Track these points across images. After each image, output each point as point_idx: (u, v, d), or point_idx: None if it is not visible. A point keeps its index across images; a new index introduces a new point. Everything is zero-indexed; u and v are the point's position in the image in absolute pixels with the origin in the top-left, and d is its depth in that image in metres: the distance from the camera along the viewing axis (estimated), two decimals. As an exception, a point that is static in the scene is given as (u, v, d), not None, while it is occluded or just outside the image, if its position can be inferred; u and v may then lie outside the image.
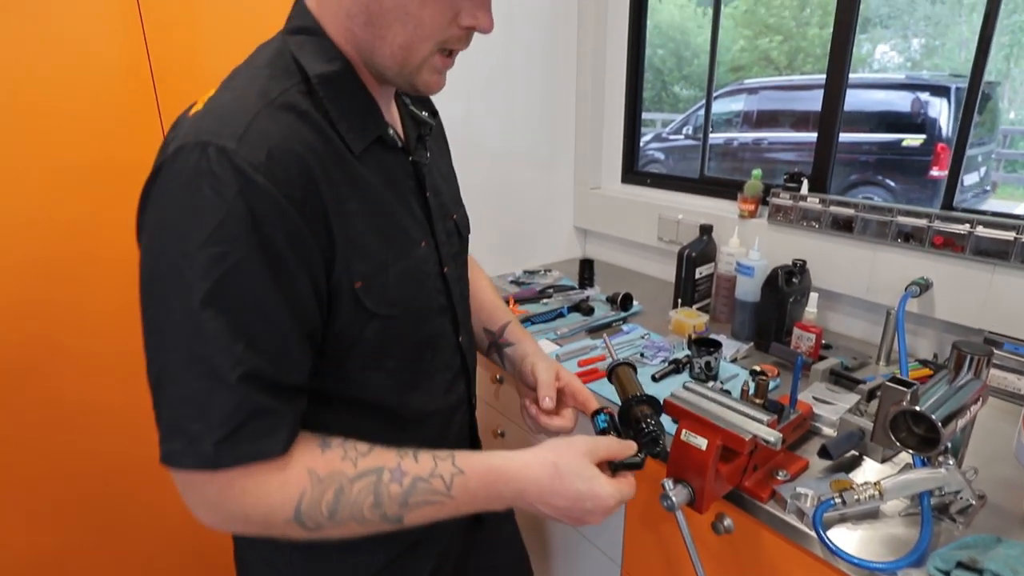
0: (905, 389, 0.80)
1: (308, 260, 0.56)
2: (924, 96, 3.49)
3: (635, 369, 0.93)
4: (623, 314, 1.63)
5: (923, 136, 3.41)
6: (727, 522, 1.00)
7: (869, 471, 0.98)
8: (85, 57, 1.17)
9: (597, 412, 0.83)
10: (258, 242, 0.52)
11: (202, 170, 0.51)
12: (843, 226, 1.42)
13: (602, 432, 0.78)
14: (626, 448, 0.72)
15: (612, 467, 0.71)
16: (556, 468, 0.64)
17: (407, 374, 0.72)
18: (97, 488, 1.38)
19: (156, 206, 0.53)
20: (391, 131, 0.67)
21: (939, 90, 3.45)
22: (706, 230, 1.62)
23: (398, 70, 0.62)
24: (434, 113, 0.82)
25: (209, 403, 0.52)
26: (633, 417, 0.80)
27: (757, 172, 1.62)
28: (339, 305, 0.61)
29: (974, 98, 1.25)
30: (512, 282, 1.90)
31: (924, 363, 1.27)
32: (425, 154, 0.74)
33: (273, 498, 0.56)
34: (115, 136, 1.23)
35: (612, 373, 0.93)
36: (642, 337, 1.49)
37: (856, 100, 3.26)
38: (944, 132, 3.32)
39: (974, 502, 0.87)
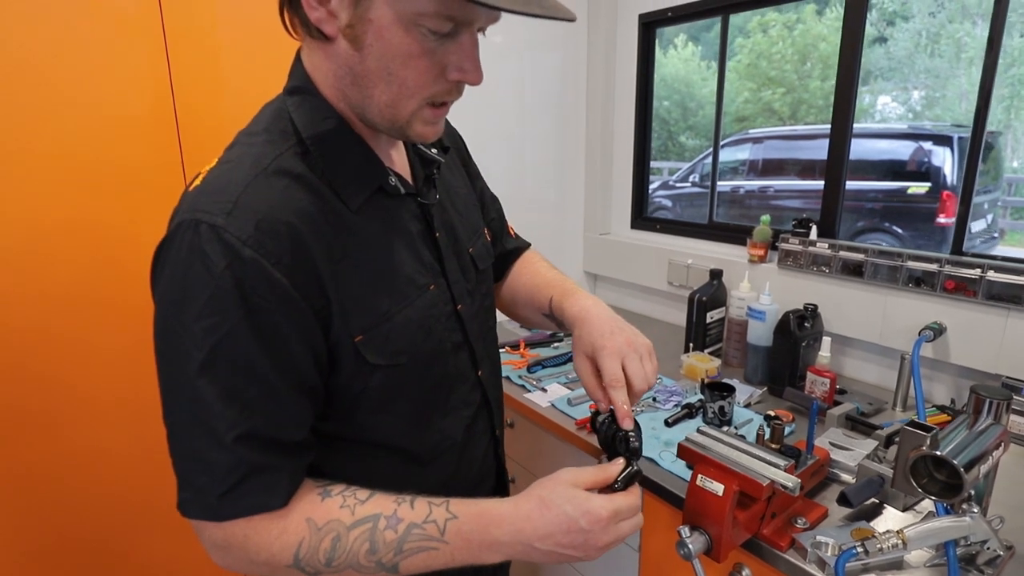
0: (925, 433, 0.79)
1: (301, 323, 0.58)
2: (927, 145, 3.54)
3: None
4: (634, 358, 1.62)
5: (928, 184, 3.45)
6: (745, 572, 0.97)
7: (891, 519, 0.96)
8: (115, 107, 1.23)
9: (596, 413, 0.78)
10: (246, 312, 0.55)
11: (195, 247, 0.54)
12: (853, 271, 1.43)
13: (602, 425, 0.74)
14: (613, 468, 0.68)
15: (615, 485, 0.67)
16: (542, 499, 0.63)
17: (420, 415, 0.72)
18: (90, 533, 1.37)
19: (160, 278, 0.58)
20: (392, 180, 0.67)
21: (942, 139, 3.51)
22: (716, 275, 1.63)
23: (388, 125, 0.62)
24: (445, 149, 0.83)
25: (211, 460, 0.57)
26: (618, 436, 0.73)
27: (766, 218, 1.64)
28: (341, 359, 0.62)
29: (978, 147, 1.28)
30: (523, 326, 1.90)
31: (942, 408, 1.25)
32: (434, 195, 0.75)
33: (273, 546, 0.59)
34: (139, 190, 1.27)
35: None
36: (654, 381, 1.48)
37: (861, 149, 3.32)
38: (949, 180, 3.36)
39: (1002, 553, 0.85)
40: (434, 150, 0.78)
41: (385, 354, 0.65)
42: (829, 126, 1.55)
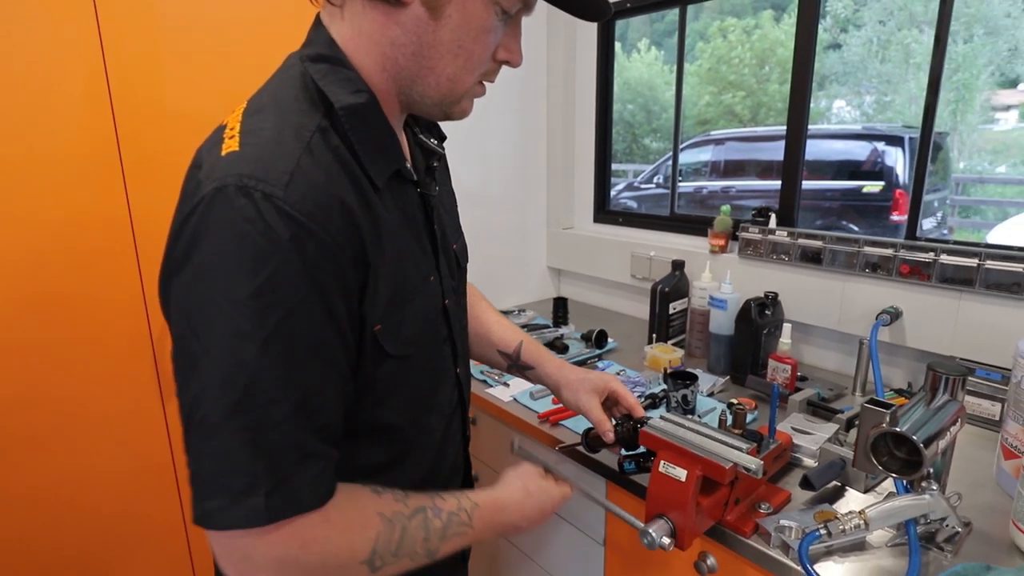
0: (884, 411, 0.79)
1: (349, 305, 0.56)
2: (880, 146, 3.65)
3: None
4: (598, 351, 1.60)
5: (882, 183, 3.54)
6: (710, 561, 0.95)
7: (852, 501, 0.95)
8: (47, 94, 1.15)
9: (589, 430, 0.98)
10: (311, 288, 0.51)
11: (250, 216, 0.49)
12: (812, 258, 1.44)
13: (619, 427, 0.93)
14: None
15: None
16: (526, 489, 0.78)
17: (412, 411, 0.70)
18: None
19: (198, 250, 0.50)
20: (408, 164, 0.66)
21: (894, 140, 3.62)
22: (678, 266, 1.63)
23: (439, 99, 0.62)
24: (443, 139, 0.81)
25: (257, 453, 0.50)
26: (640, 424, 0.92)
27: (726, 208, 1.65)
28: (362, 346, 0.60)
29: (927, 142, 1.30)
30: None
31: (899, 392, 1.26)
32: (434, 186, 0.73)
33: (346, 546, 0.56)
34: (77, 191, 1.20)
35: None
36: (618, 373, 1.46)
37: (818, 150, 3.39)
38: (901, 179, 3.46)
39: (960, 530, 0.84)
40: (433, 141, 0.76)
41: (398, 343, 0.63)
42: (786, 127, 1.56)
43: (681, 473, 0.83)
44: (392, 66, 0.60)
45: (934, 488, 0.83)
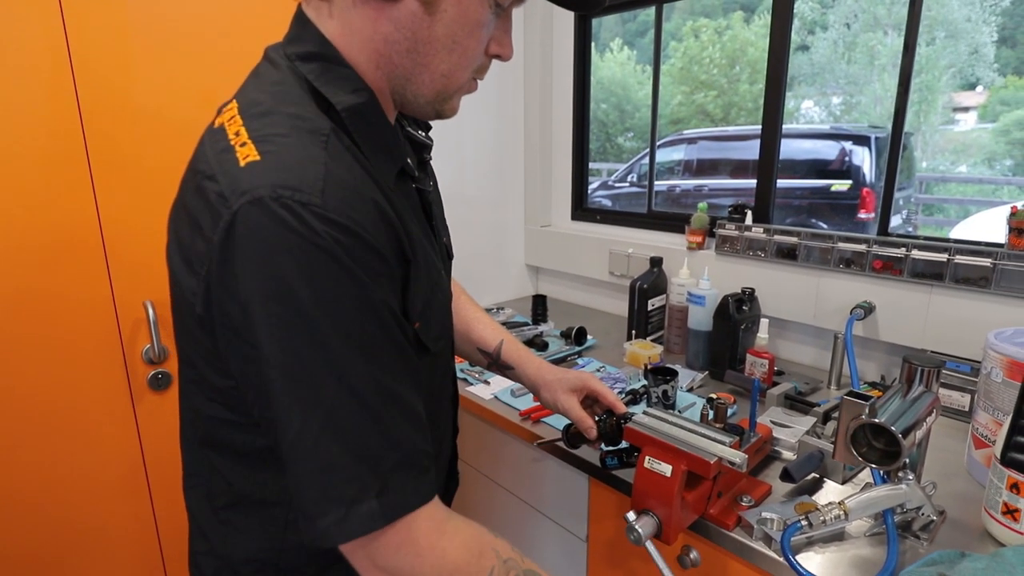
0: (864, 402, 0.80)
1: (399, 304, 0.56)
2: (848, 145, 3.73)
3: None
4: (577, 348, 1.60)
5: (850, 181, 3.63)
6: (693, 554, 0.96)
7: (831, 492, 0.97)
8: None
9: (569, 426, 0.99)
10: (372, 290, 0.51)
11: (294, 227, 0.47)
12: (788, 254, 1.46)
13: (602, 423, 0.94)
14: None
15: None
16: None
17: (432, 406, 0.68)
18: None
19: (252, 267, 0.48)
20: (410, 161, 0.65)
21: (861, 139, 3.71)
22: (656, 262, 1.64)
23: (432, 97, 0.61)
24: (428, 130, 0.80)
25: (360, 459, 0.50)
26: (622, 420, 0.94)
27: (703, 205, 1.66)
28: None
29: (899, 136, 1.33)
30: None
31: (873, 385, 1.29)
32: (428, 180, 0.73)
33: (457, 560, 0.55)
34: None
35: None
36: (598, 370, 1.46)
37: (788, 149, 3.45)
38: (868, 178, 3.55)
39: (935, 518, 0.86)
40: (421, 133, 0.75)
41: (431, 339, 0.62)
42: (759, 127, 1.58)
43: (666, 468, 0.83)
44: (386, 64, 0.58)
45: (910, 478, 0.84)
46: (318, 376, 0.49)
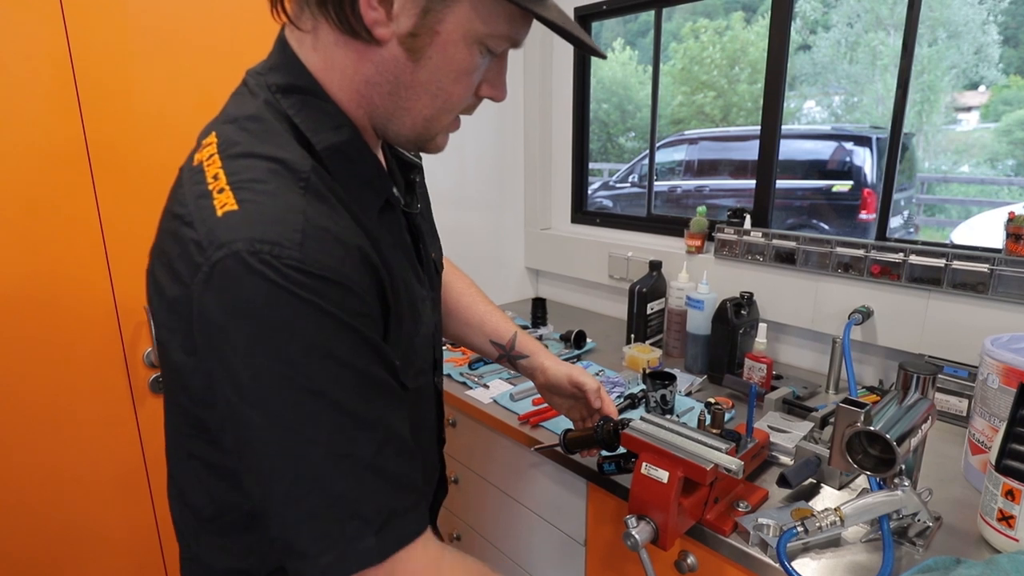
0: (859, 410, 0.80)
1: (385, 346, 0.55)
2: (849, 145, 3.73)
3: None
4: (577, 352, 1.61)
5: (851, 182, 3.62)
6: (691, 560, 0.96)
7: (828, 498, 0.97)
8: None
9: (568, 430, 1.03)
10: (354, 336, 0.51)
11: (274, 280, 0.47)
12: (786, 259, 1.47)
13: (600, 431, 0.96)
14: None
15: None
16: None
17: (413, 432, 0.69)
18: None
19: (230, 323, 0.48)
20: (395, 191, 0.63)
21: (862, 140, 3.70)
22: (655, 266, 1.64)
23: (414, 136, 0.60)
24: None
25: (356, 497, 0.50)
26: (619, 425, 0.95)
27: (702, 209, 1.66)
28: None
29: (897, 139, 1.33)
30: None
31: (871, 389, 1.29)
32: (416, 203, 0.71)
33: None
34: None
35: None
36: (597, 374, 1.47)
37: (789, 149, 3.45)
38: (869, 178, 3.54)
39: (931, 524, 0.87)
40: (412, 153, 0.74)
41: (410, 375, 0.62)
42: (759, 127, 1.58)
43: (663, 475, 0.84)
44: (367, 103, 0.58)
45: (906, 484, 0.85)
46: (312, 422, 0.49)
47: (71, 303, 1.24)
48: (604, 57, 0.63)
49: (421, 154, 0.76)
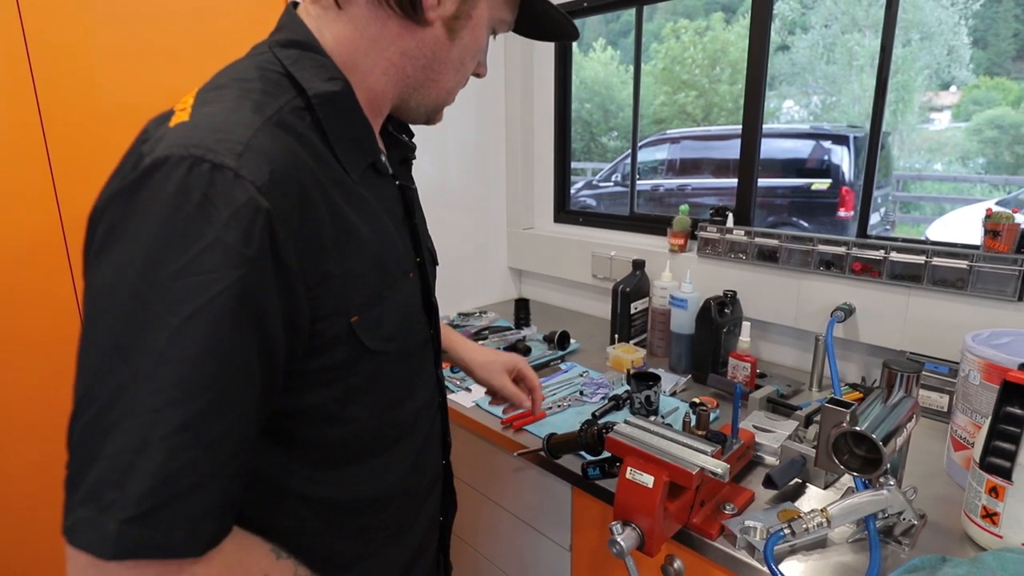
0: (844, 410, 0.80)
1: (290, 300, 0.49)
2: (827, 144, 3.77)
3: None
4: (560, 353, 1.59)
5: (829, 180, 3.66)
6: (677, 564, 0.95)
7: (813, 498, 0.97)
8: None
9: (552, 434, 1.08)
10: (245, 274, 0.45)
11: (188, 188, 0.44)
12: (769, 257, 1.46)
13: (584, 435, 1.00)
14: None
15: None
16: None
17: (390, 409, 0.66)
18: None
19: (123, 226, 0.44)
20: (383, 158, 0.66)
21: (840, 139, 3.74)
22: (639, 265, 1.63)
23: (433, 107, 0.67)
24: (411, 136, 0.79)
25: (134, 466, 0.41)
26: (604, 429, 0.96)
27: (685, 208, 1.66)
28: (332, 341, 0.55)
29: (877, 136, 1.34)
30: (447, 324, 1.83)
31: (854, 387, 1.29)
32: (411, 179, 0.74)
33: None
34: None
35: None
36: (581, 375, 1.45)
37: (768, 148, 3.47)
38: (847, 176, 3.58)
39: (916, 522, 0.86)
40: (404, 136, 0.76)
41: (377, 339, 0.60)
42: (740, 127, 1.58)
43: (648, 479, 0.82)
44: (397, 73, 0.62)
45: (891, 483, 0.84)
46: (144, 350, 0.42)
47: (31, 301, 1.19)
48: (577, 36, 0.72)
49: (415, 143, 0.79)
